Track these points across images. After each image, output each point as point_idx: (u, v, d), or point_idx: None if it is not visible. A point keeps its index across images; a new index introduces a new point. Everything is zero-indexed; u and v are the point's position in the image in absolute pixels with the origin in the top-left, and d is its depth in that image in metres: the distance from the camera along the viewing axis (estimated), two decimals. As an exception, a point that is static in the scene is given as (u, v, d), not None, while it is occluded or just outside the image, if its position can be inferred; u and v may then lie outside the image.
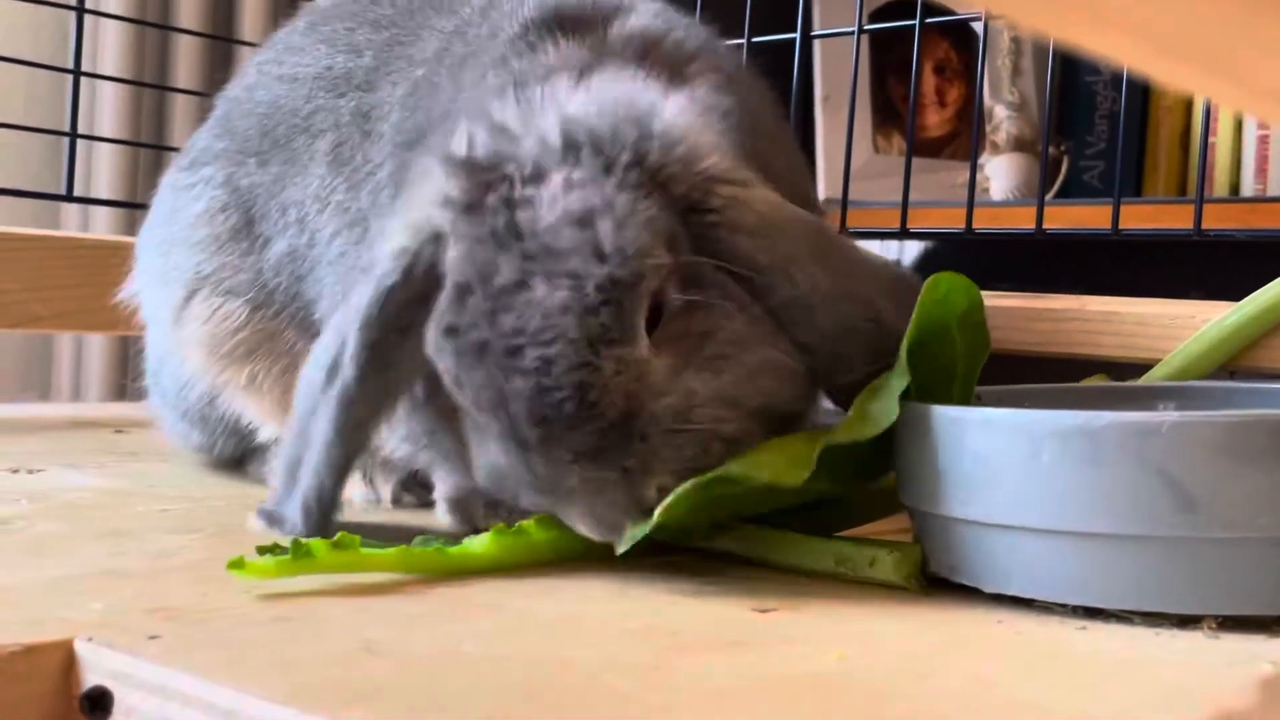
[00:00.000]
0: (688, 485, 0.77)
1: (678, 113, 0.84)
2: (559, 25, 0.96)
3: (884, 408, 0.80)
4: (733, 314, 0.82)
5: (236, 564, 0.76)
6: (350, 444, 0.87)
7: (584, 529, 0.80)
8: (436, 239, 0.84)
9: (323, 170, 1.09)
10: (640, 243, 0.78)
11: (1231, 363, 1.06)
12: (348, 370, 0.85)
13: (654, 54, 0.94)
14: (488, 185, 0.81)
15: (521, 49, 0.95)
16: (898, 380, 0.81)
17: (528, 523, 0.85)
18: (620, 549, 0.79)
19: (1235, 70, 0.32)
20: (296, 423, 0.89)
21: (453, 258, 0.81)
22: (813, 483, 0.79)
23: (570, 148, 0.80)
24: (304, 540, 0.78)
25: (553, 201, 0.78)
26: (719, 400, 0.80)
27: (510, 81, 0.91)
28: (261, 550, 0.77)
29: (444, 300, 0.80)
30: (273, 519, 0.88)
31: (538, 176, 0.80)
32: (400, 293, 0.84)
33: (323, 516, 0.87)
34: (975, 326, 0.86)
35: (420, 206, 0.86)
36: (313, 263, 1.09)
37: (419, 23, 1.10)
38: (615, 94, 0.84)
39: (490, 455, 0.81)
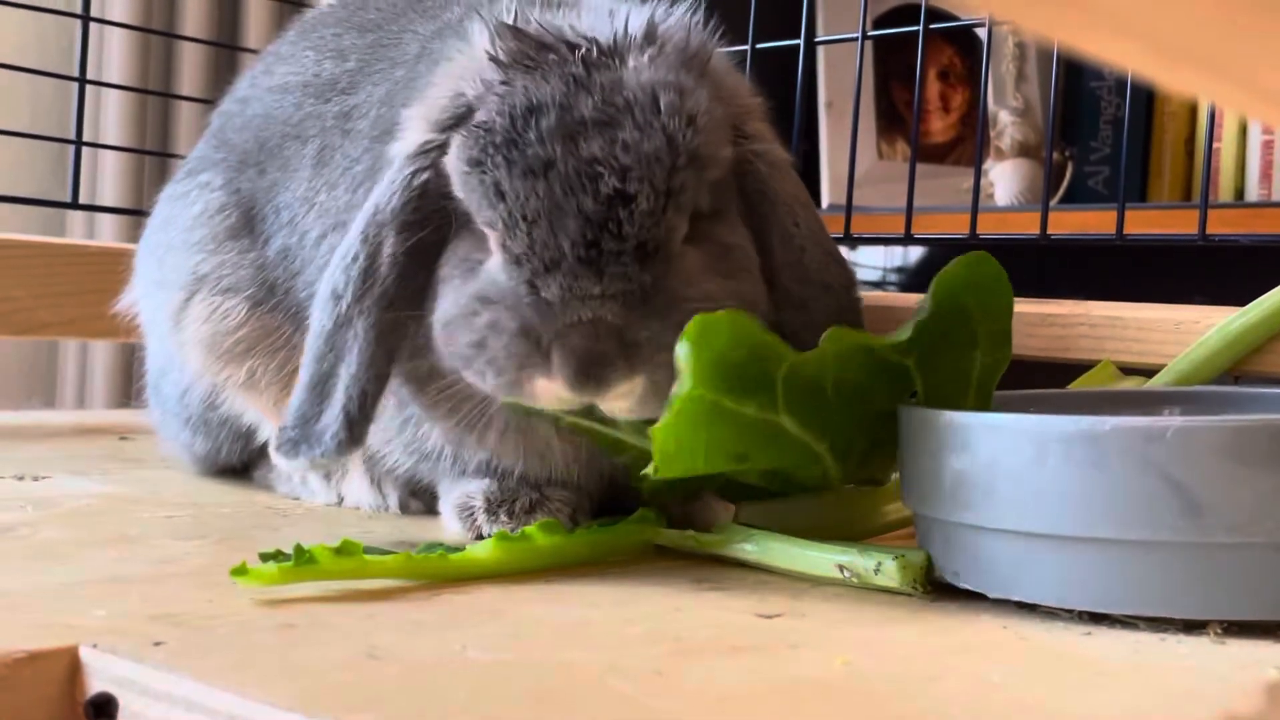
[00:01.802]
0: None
1: (723, 56, 0.92)
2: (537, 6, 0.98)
3: (898, 332, 0.82)
4: (746, 236, 0.87)
5: (239, 571, 0.76)
6: (389, 348, 0.87)
7: (564, 372, 0.79)
8: (461, 121, 0.84)
9: (308, 173, 1.10)
10: (721, 132, 0.84)
11: (1236, 368, 1.06)
12: (387, 273, 0.86)
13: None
14: (544, 46, 0.83)
15: None
16: (920, 313, 0.82)
17: (531, 528, 0.85)
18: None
19: (1239, 74, 0.32)
20: (320, 337, 0.88)
21: (508, 89, 0.82)
22: (807, 428, 0.81)
23: (650, 39, 0.85)
24: (307, 547, 0.78)
25: (639, 70, 0.83)
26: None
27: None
28: (265, 556, 0.77)
29: (496, 116, 0.81)
30: (300, 441, 0.88)
31: (617, 51, 0.84)
32: (434, 189, 0.86)
33: (364, 424, 0.87)
34: (1000, 338, 0.85)
35: (445, 86, 0.87)
36: (303, 263, 1.10)
37: (402, 26, 1.12)
38: (674, 15, 0.89)
39: (476, 284, 0.82)
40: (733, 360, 0.77)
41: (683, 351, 0.75)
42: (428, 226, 0.86)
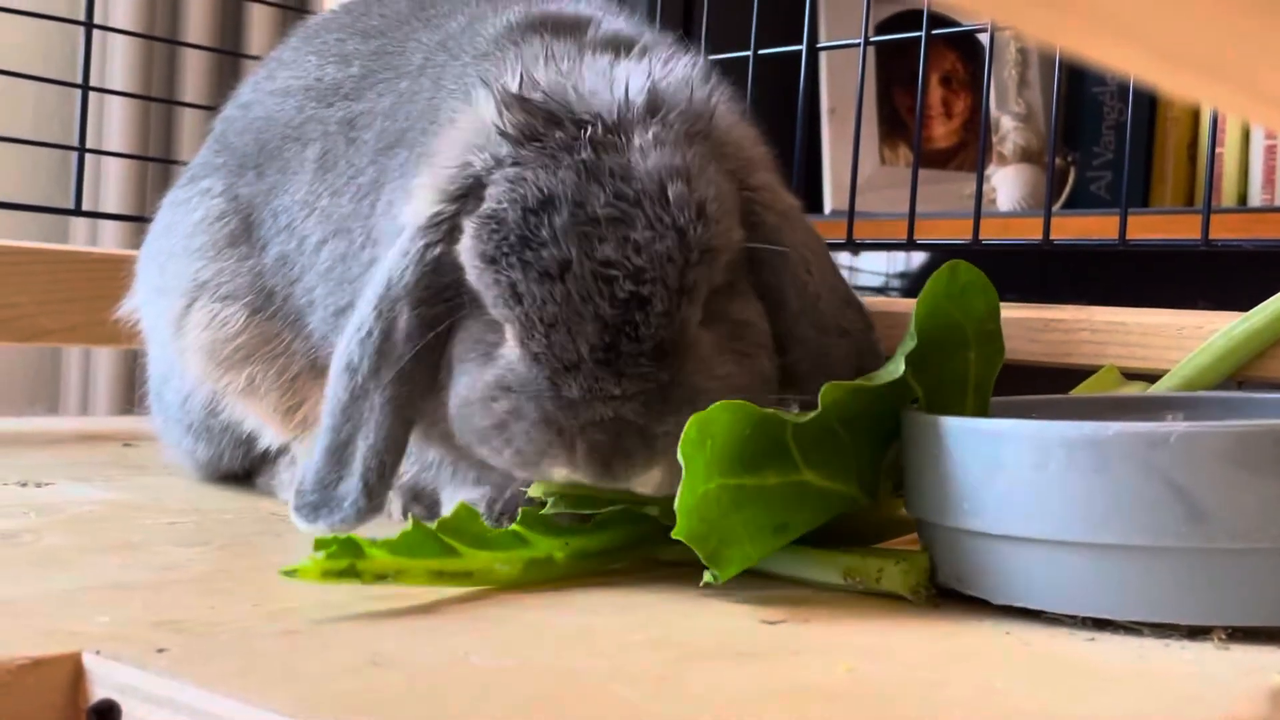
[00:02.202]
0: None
1: (727, 103, 0.90)
2: (542, 26, 0.98)
3: (890, 367, 0.82)
4: (759, 310, 0.87)
5: (290, 572, 0.75)
6: (407, 420, 0.88)
7: (588, 467, 0.79)
8: (470, 193, 0.84)
9: (309, 177, 1.10)
10: (732, 217, 0.84)
11: (1239, 373, 1.06)
12: (402, 347, 0.86)
13: (633, 52, 0.97)
14: (552, 119, 0.83)
15: (505, 45, 0.98)
16: (907, 343, 0.82)
17: (557, 553, 0.84)
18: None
19: (1240, 78, 0.32)
20: (337, 408, 0.88)
21: (514, 176, 0.81)
22: (832, 477, 0.81)
23: (654, 109, 0.84)
24: (362, 544, 0.76)
25: (644, 152, 0.81)
26: (740, 392, 0.82)
27: (535, 54, 0.93)
28: (320, 544, 0.76)
29: (508, 209, 0.81)
30: (320, 506, 0.87)
31: (622, 127, 0.82)
32: (447, 262, 0.85)
33: (384, 490, 0.88)
34: (990, 336, 0.86)
35: (450, 160, 0.87)
36: (302, 269, 1.10)
37: (406, 34, 1.12)
38: (678, 73, 0.88)
39: (493, 372, 0.82)
40: (740, 440, 0.77)
41: (685, 453, 0.75)
42: (441, 299, 0.86)
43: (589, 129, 0.82)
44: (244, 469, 1.21)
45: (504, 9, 1.04)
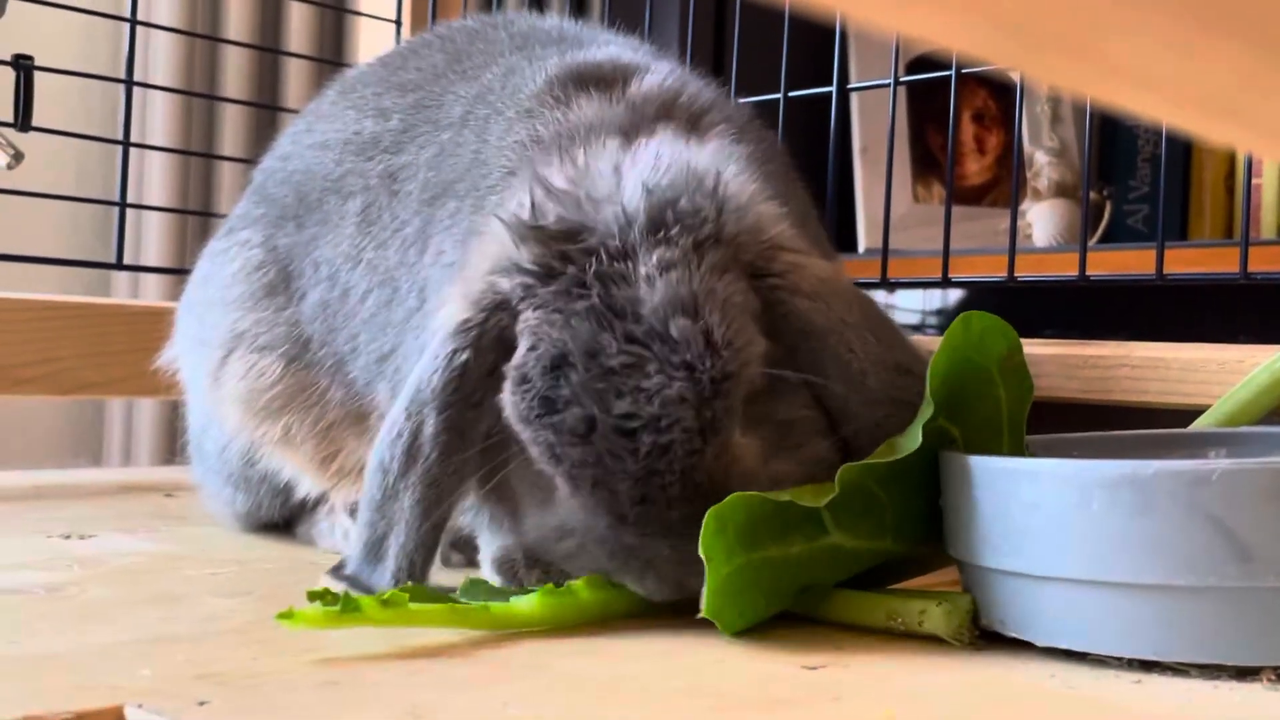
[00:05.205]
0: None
1: (740, 182, 0.88)
2: (582, 82, 0.98)
3: (909, 437, 0.82)
4: (804, 399, 0.86)
5: (286, 615, 0.76)
6: (437, 520, 0.89)
7: (660, 591, 0.82)
8: (500, 308, 0.85)
9: (352, 230, 1.12)
10: (746, 333, 0.82)
11: (1283, 407, 1.05)
12: (430, 451, 0.87)
13: (674, 109, 0.98)
14: (564, 255, 0.83)
15: (547, 102, 0.99)
16: (924, 409, 0.82)
17: (576, 583, 0.84)
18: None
19: (1266, 125, 0.32)
20: (372, 506, 0.89)
21: (536, 324, 0.82)
22: (868, 535, 0.81)
23: (657, 224, 0.83)
24: (354, 595, 0.78)
25: (651, 281, 0.81)
26: (793, 485, 0.82)
27: (548, 138, 0.94)
28: (312, 595, 0.77)
29: (532, 367, 0.82)
30: (357, 585, 0.88)
31: (627, 252, 0.82)
32: (474, 369, 0.86)
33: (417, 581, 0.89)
34: (1016, 370, 0.86)
35: (480, 274, 0.88)
36: (345, 317, 1.11)
37: (443, 87, 1.13)
38: (680, 162, 0.87)
39: (556, 517, 0.84)
40: (760, 519, 0.78)
41: (706, 543, 0.77)
42: (469, 404, 0.87)
43: (595, 260, 0.82)
44: (282, 518, 1.22)
45: (538, 60, 1.05)
